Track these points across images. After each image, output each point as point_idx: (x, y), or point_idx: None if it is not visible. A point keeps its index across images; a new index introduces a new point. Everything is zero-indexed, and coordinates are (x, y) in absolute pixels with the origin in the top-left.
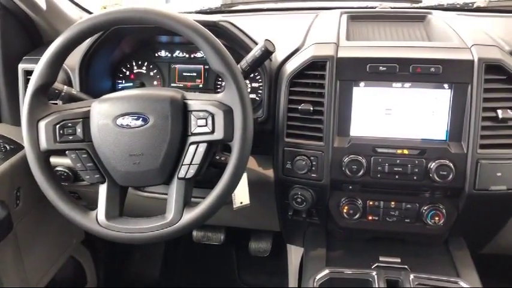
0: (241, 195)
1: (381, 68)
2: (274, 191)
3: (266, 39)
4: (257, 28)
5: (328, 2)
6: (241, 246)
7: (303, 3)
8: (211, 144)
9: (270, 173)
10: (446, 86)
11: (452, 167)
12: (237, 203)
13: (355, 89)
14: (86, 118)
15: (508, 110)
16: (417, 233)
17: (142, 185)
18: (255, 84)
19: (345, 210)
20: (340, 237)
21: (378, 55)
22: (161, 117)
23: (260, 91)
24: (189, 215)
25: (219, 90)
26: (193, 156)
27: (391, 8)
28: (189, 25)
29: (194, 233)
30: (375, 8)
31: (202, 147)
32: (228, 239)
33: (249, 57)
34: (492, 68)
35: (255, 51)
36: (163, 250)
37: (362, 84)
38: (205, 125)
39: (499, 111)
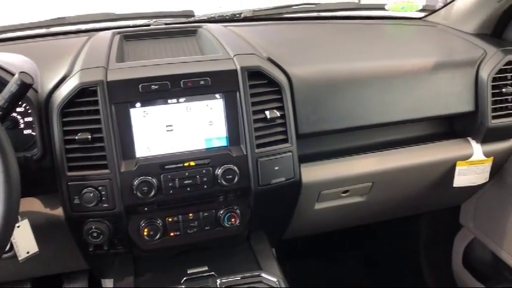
0: (26, 245)
1: (153, 86)
2: (68, 229)
3: (21, 72)
4: (21, 58)
5: (100, 23)
6: None
7: (73, 27)
8: None
9: (60, 211)
10: (218, 96)
11: (236, 169)
12: (22, 255)
13: (132, 111)
14: None
15: (274, 110)
16: (219, 238)
17: None
18: (28, 119)
19: (145, 233)
20: (148, 260)
21: (149, 74)
22: None
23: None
24: None
25: None
26: None
27: (165, 24)
28: None
29: None
30: (149, 25)
31: None
32: None
33: (5, 92)
34: (254, 74)
35: (11, 86)
36: None
37: (138, 104)
38: None
39: (267, 112)
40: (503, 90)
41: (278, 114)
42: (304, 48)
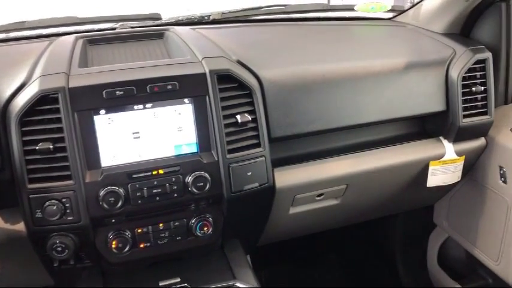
0: None
1: (118, 92)
2: (31, 244)
3: None
4: None
5: (63, 27)
6: None
7: (34, 32)
8: None
9: (21, 226)
10: (186, 100)
11: (208, 176)
12: None
13: (96, 118)
14: None
15: (245, 114)
16: (192, 248)
17: None
18: None
19: (113, 246)
20: (118, 273)
21: (113, 79)
22: None
23: None
24: None
25: None
26: None
27: (131, 27)
28: None
29: None
30: (114, 29)
31: None
32: None
33: None
34: (223, 77)
35: None
36: None
37: (103, 111)
38: None
39: (238, 117)
40: (473, 89)
41: (249, 118)
42: (274, 50)
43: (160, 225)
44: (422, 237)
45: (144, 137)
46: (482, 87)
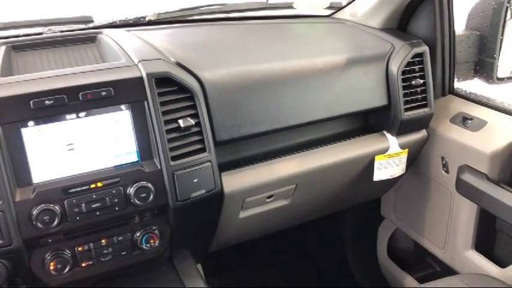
0: None
1: (47, 102)
2: None
3: None
4: None
5: None
6: None
7: None
8: None
9: None
10: (123, 107)
11: (151, 186)
12: None
13: (24, 131)
14: None
15: (188, 118)
16: (138, 262)
17: None
18: None
19: (52, 267)
20: None
21: (41, 88)
22: None
23: None
24: None
25: None
26: None
27: (61, 31)
28: None
29: None
30: (42, 34)
31: None
32: None
33: None
34: (162, 81)
35: None
36: None
37: (31, 123)
38: None
39: (180, 121)
40: (413, 82)
41: (192, 122)
42: (214, 50)
43: (103, 241)
44: (371, 231)
45: (79, 149)
46: (421, 80)
